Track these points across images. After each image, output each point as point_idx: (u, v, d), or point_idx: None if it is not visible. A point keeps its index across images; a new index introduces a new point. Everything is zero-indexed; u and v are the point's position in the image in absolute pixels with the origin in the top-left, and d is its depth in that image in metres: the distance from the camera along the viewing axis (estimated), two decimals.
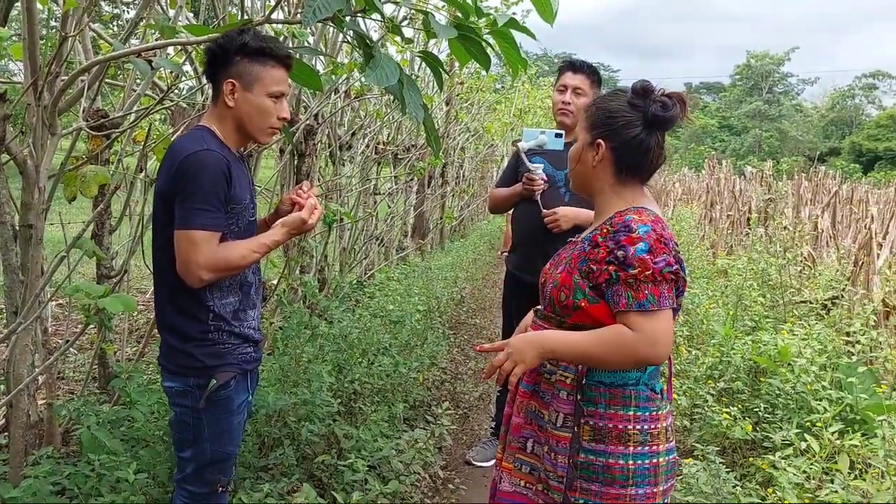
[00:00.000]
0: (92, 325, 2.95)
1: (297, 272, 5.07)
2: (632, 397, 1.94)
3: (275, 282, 4.79)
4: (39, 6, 2.51)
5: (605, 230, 1.93)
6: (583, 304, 1.92)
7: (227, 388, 2.29)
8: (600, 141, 2.00)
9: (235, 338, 2.32)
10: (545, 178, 3.67)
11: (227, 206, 2.22)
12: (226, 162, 2.19)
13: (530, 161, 3.70)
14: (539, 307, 2.16)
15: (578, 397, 1.96)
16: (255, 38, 2.23)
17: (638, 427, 1.93)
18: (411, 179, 8.83)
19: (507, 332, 4.09)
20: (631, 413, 1.93)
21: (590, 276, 1.91)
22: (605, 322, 1.91)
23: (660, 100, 1.95)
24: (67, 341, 3.12)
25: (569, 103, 3.77)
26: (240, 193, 2.27)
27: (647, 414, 1.95)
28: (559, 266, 2.05)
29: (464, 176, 13.45)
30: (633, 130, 1.96)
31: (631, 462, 1.91)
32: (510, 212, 4.11)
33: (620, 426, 1.92)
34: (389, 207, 8.40)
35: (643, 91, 1.97)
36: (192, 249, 2.14)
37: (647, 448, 1.93)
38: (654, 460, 1.94)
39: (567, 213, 3.53)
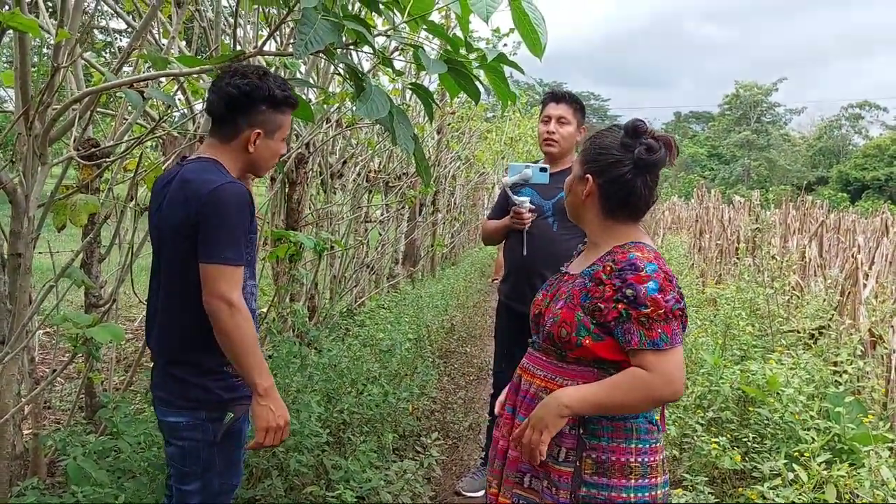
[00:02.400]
0: (79, 355, 2.94)
1: (287, 300, 5.07)
2: (633, 430, 1.95)
3: (264, 310, 4.79)
4: (31, 35, 2.53)
5: (608, 267, 1.93)
6: (586, 341, 1.92)
7: (239, 420, 2.30)
8: (588, 176, 2.02)
9: None
10: (532, 209, 3.70)
11: (247, 236, 2.26)
12: (248, 194, 2.24)
13: (518, 193, 3.74)
14: (534, 339, 2.14)
15: (581, 431, 1.95)
16: (280, 87, 2.28)
17: (640, 459, 1.93)
18: (402, 207, 8.86)
19: (499, 360, 4.09)
20: (633, 446, 1.93)
21: (595, 313, 1.91)
22: (606, 358, 1.92)
23: (646, 142, 1.96)
24: (54, 371, 3.11)
25: (553, 133, 3.81)
26: (254, 224, 2.31)
27: (648, 446, 1.96)
28: (559, 301, 2.03)
29: (455, 204, 13.48)
30: (620, 170, 1.97)
31: (633, 495, 1.91)
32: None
33: (623, 459, 1.92)
34: (381, 235, 8.42)
35: (634, 131, 1.98)
36: (222, 280, 2.13)
37: (647, 480, 1.94)
38: (654, 493, 1.95)
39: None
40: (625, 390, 1.86)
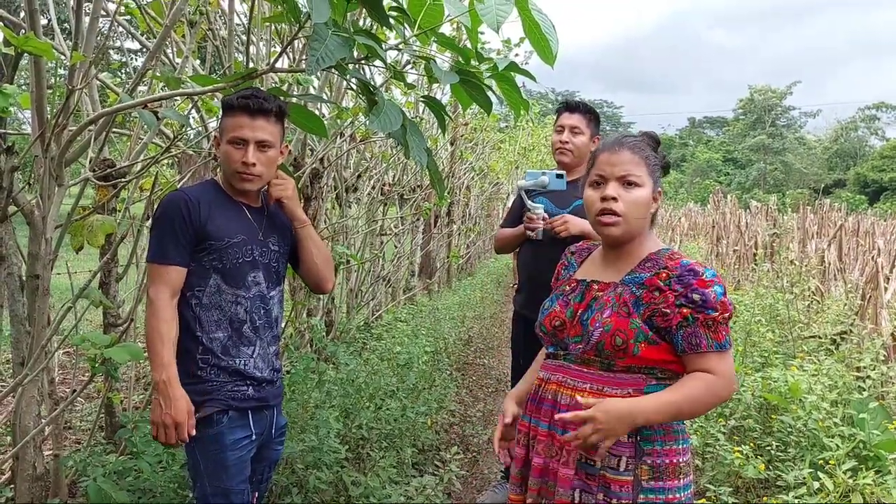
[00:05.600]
0: (99, 375, 2.94)
1: (305, 315, 5.07)
2: (679, 431, 2.00)
3: (282, 325, 4.78)
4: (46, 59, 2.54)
5: (663, 274, 1.95)
6: (642, 346, 1.94)
7: (217, 423, 2.37)
8: (659, 189, 2.09)
9: (226, 374, 2.40)
10: (546, 216, 3.68)
11: (200, 242, 2.36)
12: (186, 199, 2.36)
13: (532, 200, 3.72)
14: (560, 351, 2.11)
15: (637, 438, 1.96)
16: (232, 95, 2.41)
17: (685, 459, 1.99)
18: (417, 219, 8.86)
19: (517, 371, 4.06)
20: (680, 446, 1.99)
21: (655, 319, 1.93)
22: (657, 363, 1.95)
23: (663, 151, 2.13)
24: (74, 391, 3.11)
25: (566, 142, 3.81)
26: (219, 230, 2.39)
27: (686, 446, 2.02)
28: (603, 310, 2.01)
29: (470, 214, 13.48)
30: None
31: (682, 494, 1.97)
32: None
33: (675, 460, 1.96)
34: (396, 248, 8.42)
35: (657, 141, 2.13)
36: (147, 277, 2.40)
37: (688, 478, 2.00)
38: (693, 488, 2.02)
39: (575, 220, 3.52)
40: (699, 398, 1.90)
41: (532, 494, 2.11)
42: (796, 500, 3.22)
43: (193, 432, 2.30)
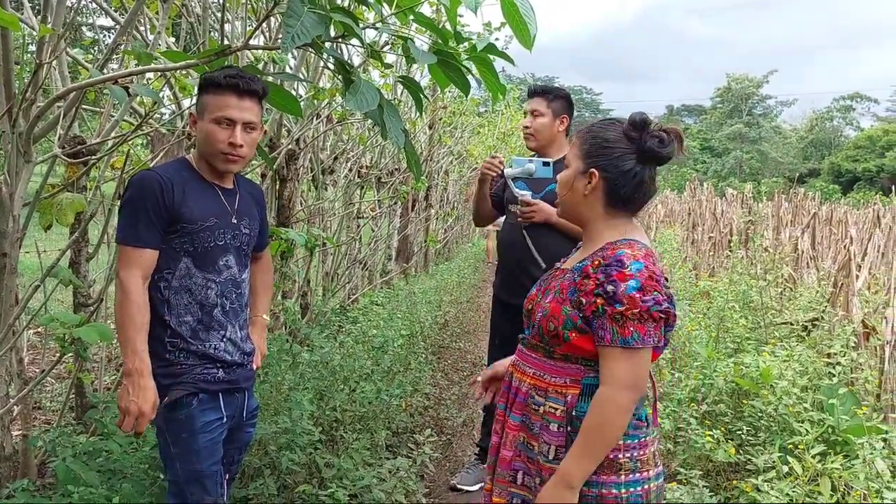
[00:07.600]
0: (68, 355, 2.91)
1: (279, 297, 5.04)
2: None
3: None
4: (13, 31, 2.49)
5: (596, 262, 1.90)
6: (572, 335, 1.90)
7: (187, 406, 2.35)
8: (594, 170, 1.97)
9: (195, 357, 2.37)
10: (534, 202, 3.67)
11: (172, 224, 2.31)
12: (159, 180, 2.29)
13: (516, 187, 3.70)
14: (524, 335, 2.12)
15: (569, 429, 1.92)
16: (216, 72, 2.36)
17: (628, 455, 1.90)
18: (395, 203, 8.82)
19: (492, 352, 4.07)
20: (621, 442, 1.89)
21: (579, 306, 1.89)
22: (590, 354, 1.90)
23: (657, 135, 1.94)
24: (43, 371, 3.07)
25: (528, 127, 3.86)
26: (193, 214, 2.34)
27: (636, 441, 1.93)
28: (548, 295, 2.01)
29: (448, 199, 13.46)
30: (628, 163, 1.94)
31: (624, 490, 1.88)
32: (490, 229, 4.11)
33: (611, 456, 1.88)
34: (373, 231, 8.38)
35: (642, 123, 1.95)
36: (118, 257, 2.31)
37: (638, 475, 1.91)
38: (646, 486, 1.92)
39: (544, 209, 3.57)
40: (604, 427, 1.83)
41: (489, 472, 2.13)
42: (765, 484, 3.26)
43: (146, 426, 2.27)
